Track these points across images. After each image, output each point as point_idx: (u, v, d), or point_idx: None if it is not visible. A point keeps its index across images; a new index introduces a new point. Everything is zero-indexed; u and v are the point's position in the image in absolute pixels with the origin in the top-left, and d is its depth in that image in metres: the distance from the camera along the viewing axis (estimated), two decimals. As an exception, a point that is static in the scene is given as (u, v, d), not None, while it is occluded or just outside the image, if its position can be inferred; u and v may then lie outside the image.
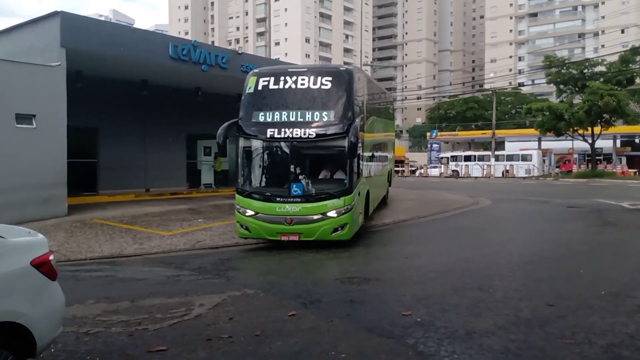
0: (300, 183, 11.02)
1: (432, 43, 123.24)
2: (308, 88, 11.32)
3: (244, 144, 11.49)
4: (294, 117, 11.04)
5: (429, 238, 13.71)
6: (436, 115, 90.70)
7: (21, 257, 4.25)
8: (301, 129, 10.87)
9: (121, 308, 6.87)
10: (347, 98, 11.28)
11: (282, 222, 10.89)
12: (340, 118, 11.05)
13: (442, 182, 39.09)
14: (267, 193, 11.20)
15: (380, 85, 21.88)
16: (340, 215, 10.98)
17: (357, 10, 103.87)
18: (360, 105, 12.41)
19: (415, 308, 6.75)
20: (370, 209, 14.21)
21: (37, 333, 4.18)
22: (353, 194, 11.18)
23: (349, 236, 11.27)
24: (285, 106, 11.24)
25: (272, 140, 11.13)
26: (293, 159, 11.02)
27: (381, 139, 17.59)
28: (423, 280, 8.48)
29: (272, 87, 11.47)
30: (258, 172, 11.73)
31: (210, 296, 7.42)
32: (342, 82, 11.47)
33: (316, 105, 11.21)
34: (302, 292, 7.79)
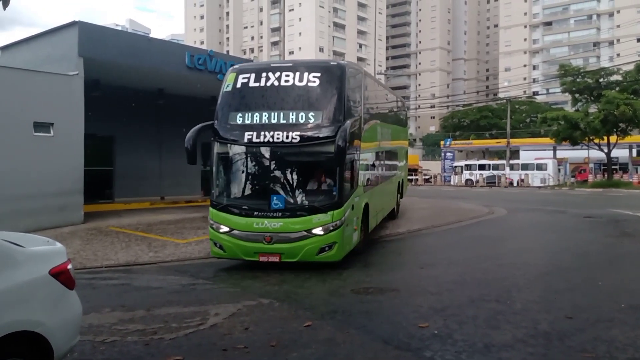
0: (281, 195, 9.62)
1: (446, 52, 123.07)
2: (293, 85, 9.92)
3: (218, 150, 10.19)
4: (276, 119, 9.73)
5: (445, 248, 13.60)
6: (450, 123, 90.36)
7: (40, 266, 4.26)
8: (283, 133, 9.55)
9: (137, 317, 6.88)
10: (338, 97, 9.88)
11: (261, 241, 9.48)
12: (329, 120, 9.68)
13: (456, 191, 38.87)
14: (243, 206, 9.79)
15: (388, 88, 20.57)
16: (327, 232, 9.47)
17: (371, 19, 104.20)
18: (356, 106, 11.07)
19: (432, 320, 6.69)
20: (371, 224, 12.53)
21: (55, 342, 4.18)
22: (344, 208, 9.70)
23: (338, 257, 9.77)
24: (266, 106, 9.91)
25: (250, 145, 9.82)
26: (274, 166, 9.76)
27: (388, 147, 15.83)
28: (439, 291, 8.40)
29: (252, 84, 10.12)
30: (234, 182, 10.33)
31: (225, 305, 7.40)
32: (332, 78, 10.09)
33: (301, 105, 9.85)
34: (317, 302, 7.76)
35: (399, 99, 20.98)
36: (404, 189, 20.73)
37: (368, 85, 12.83)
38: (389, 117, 16.86)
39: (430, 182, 54.39)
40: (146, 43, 19.34)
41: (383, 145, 14.73)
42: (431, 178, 56.65)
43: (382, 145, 14.50)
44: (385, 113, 16.35)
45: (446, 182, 53.16)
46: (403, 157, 20.19)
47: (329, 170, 9.76)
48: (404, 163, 20.78)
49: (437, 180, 55.46)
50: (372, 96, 13.63)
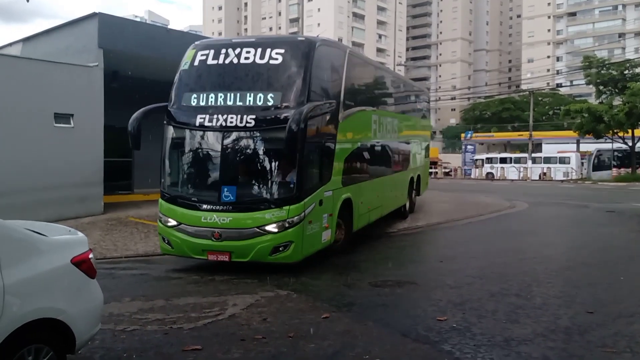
0: (233, 186, 8.67)
1: (468, 42, 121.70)
2: (253, 63, 8.91)
3: (169, 134, 9.39)
4: (232, 101, 8.77)
5: (464, 241, 13.50)
6: (471, 116, 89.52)
7: (62, 255, 4.33)
8: (237, 116, 8.59)
9: (156, 306, 6.95)
10: (303, 77, 8.82)
11: (209, 237, 8.55)
12: (290, 102, 8.66)
13: (477, 184, 38.55)
14: (192, 198, 8.95)
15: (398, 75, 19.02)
16: (281, 230, 8.44)
17: (391, 9, 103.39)
18: (330, 89, 9.87)
19: (451, 313, 6.65)
20: (359, 222, 11.30)
21: (77, 330, 4.26)
22: (303, 204, 8.59)
23: (295, 258, 8.72)
24: (222, 86, 9.01)
25: (201, 130, 8.95)
26: (226, 154, 8.79)
27: (392, 138, 14.39)
28: (459, 284, 8.35)
29: (210, 62, 9.19)
30: (184, 171, 9.50)
31: (243, 296, 7.45)
32: (297, 56, 9.02)
33: (260, 85, 8.87)
34: (335, 294, 7.76)
35: (418, 88, 19.76)
36: (422, 185, 18.80)
37: (355, 68, 11.48)
38: (396, 107, 15.50)
39: (450, 176, 53.93)
40: (164, 34, 19.43)
41: (383, 136, 13.33)
42: (451, 171, 56.17)
43: (380, 136, 13.10)
44: (390, 101, 15.02)
45: (466, 176, 52.66)
46: (420, 150, 18.25)
47: (286, 160, 8.64)
48: (422, 157, 18.68)
49: (457, 173, 54.99)
50: (362, 80, 12.37)
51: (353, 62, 11.28)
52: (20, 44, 19.48)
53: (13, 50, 19.12)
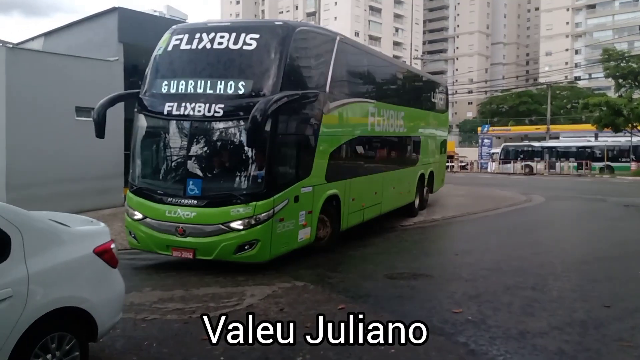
0: (198, 179, 8.28)
1: (485, 36, 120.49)
2: (226, 49, 8.42)
3: (138, 123, 9.02)
4: (202, 88, 8.31)
5: (480, 235, 13.47)
6: (488, 109, 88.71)
7: (85, 245, 4.45)
8: (206, 105, 8.12)
9: (176, 296, 7.08)
10: (277, 64, 8.31)
11: (174, 232, 8.15)
12: (262, 91, 8.17)
13: (493, 178, 38.27)
14: (158, 191, 8.54)
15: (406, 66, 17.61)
16: (247, 227, 7.98)
17: (408, 3, 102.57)
18: (312, 77, 9.33)
19: (466, 306, 6.69)
20: (348, 220, 10.72)
21: (99, 318, 4.38)
22: (272, 200, 8.09)
23: (262, 258, 8.27)
24: (193, 73, 8.56)
25: (168, 119, 8.53)
26: (193, 144, 8.39)
27: (395, 132, 13.41)
28: (474, 277, 8.37)
29: (183, 47, 8.75)
30: (151, 162, 9.14)
31: (261, 287, 7.55)
32: (272, 41, 8.48)
33: (232, 72, 8.39)
34: (350, 286, 7.84)
35: (433, 81, 18.72)
36: (436, 182, 17.74)
37: (348, 57, 10.89)
38: (403, 100, 14.44)
39: (466, 169, 53.60)
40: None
41: (384, 130, 12.57)
42: (467, 165, 55.83)
43: (380, 129, 12.34)
44: (394, 94, 14.11)
45: (483, 169, 52.30)
46: (433, 146, 17.24)
47: (254, 153, 8.18)
48: (436, 153, 17.66)
49: (473, 167, 54.63)
50: (358, 71, 11.62)
51: (345, 51, 10.65)
52: (42, 38, 19.77)
53: (35, 45, 19.41)
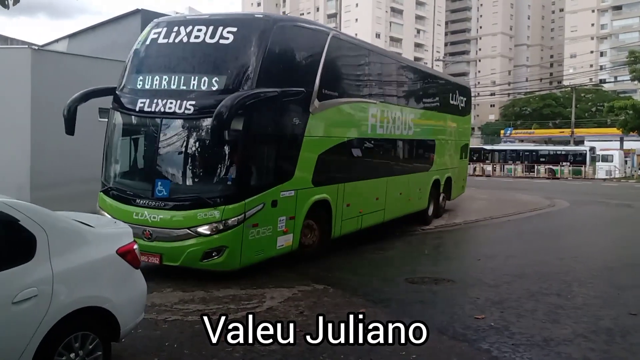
0: (167, 180, 7.83)
1: (508, 37, 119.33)
2: (202, 43, 8.01)
3: (111, 119, 8.70)
4: (175, 84, 7.89)
5: (503, 240, 13.33)
6: (511, 112, 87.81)
7: (108, 245, 4.48)
8: (177, 101, 7.70)
9: (196, 297, 7.10)
10: (253, 59, 7.79)
11: (140, 236, 7.45)
12: (236, 87, 7.66)
13: (516, 182, 37.84)
14: (127, 191, 8.17)
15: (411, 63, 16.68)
16: (214, 233, 7.51)
17: (430, 4, 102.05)
18: (299, 75, 8.80)
19: (489, 312, 6.61)
20: (341, 226, 10.11)
21: (121, 318, 4.40)
22: (243, 204, 7.57)
23: (231, 266, 7.81)
24: (168, 67, 8.16)
25: (139, 115, 8.20)
26: (163, 143, 7.96)
27: (401, 137, 12.61)
28: (497, 283, 8.27)
29: (160, 41, 8.38)
30: (121, 160, 8.78)
31: (280, 289, 7.53)
32: (250, 35, 7.99)
33: (206, 67, 8.02)
34: (370, 290, 7.79)
35: (452, 83, 17.53)
36: (455, 189, 16.72)
37: (344, 55, 10.32)
38: (413, 102, 13.61)
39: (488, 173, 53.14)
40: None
41: (387, 133, 11.85)
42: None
43: (383, 132, 11.63)
44: (403, 95, 13.18)
45: (506, 173, 51.81)
46: (451, 150, 16.27)
47: (224, 154, 7.77)
48: (455, 158, 16.65)
49: (496, 170, 54.13)
50: (356, 69, 10.90)
51: (341, 48, 10.11)
52: (66, 40, 20.09)
53: (59, 46, 19.72)
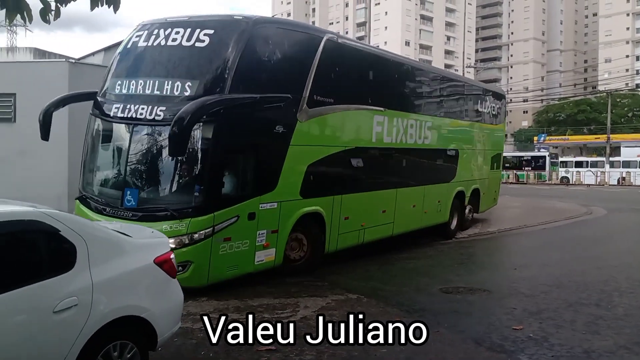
0: (136, 189, 7.55)
1: (540, 43, 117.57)
2: (178, 46, 7.69)
3: (89, 125, 8.46)
4: (149, 89, 7.60)
5: (538, 248, 13.06)
6: (544, 118, 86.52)
7: (146, 255, 4.54)
8: (149, 107, 7.39)
9: (231, 306, 7.13)
10: (229, 63, 7.42)
11: None
12: (208, 93, 7.31)
13: (551, 189, 37.14)
14: (99, 200, 7.91)
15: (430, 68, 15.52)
16: (180, 246, 7.02)
17: (460, 11, 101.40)
18: (284, 80, 8.30)
19: (527, 322, 6.48)
20: (336, 242, 9.60)
21: (159, 327, 4.45)
22: (211, 217, 7.20)
23: (198, 282, 7.33)
24: (144, 71, 7.92)
25: (112, 121, 7.94)
26: (134, 151, 7.71)
27: (415, 146, 11.82)
28: (534, 293, 8.10)
29: (140, 44, 8.07)
30: (96, 168, 8.49)
31: (314, 299, 7.52)
32: (225, 38, 7.63)
33: (179, 71, 7.68)
34: (405, 299, 7.71)
35: (482, 89, 16.35)
36: (484, 201, 15.67)
37: (342, 58, 9.67)
38: (428, 108, 12.63)
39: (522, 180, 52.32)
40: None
41: (398, 142, 11.13)
42: (523, 175, 54.46)
43: (392, 140, 10.96)
44: (417, 102, 12.32)
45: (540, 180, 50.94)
46: (480, 160, 15.32)
47: (195, 162, 7.42)
48: (484, 168, 15.64)
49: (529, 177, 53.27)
50: (357, 73, 10.11)
51: (338, 52, 9.51)
52: (102, 53, 20.53)
53: (95, 59, 20.18)
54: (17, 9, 3.79)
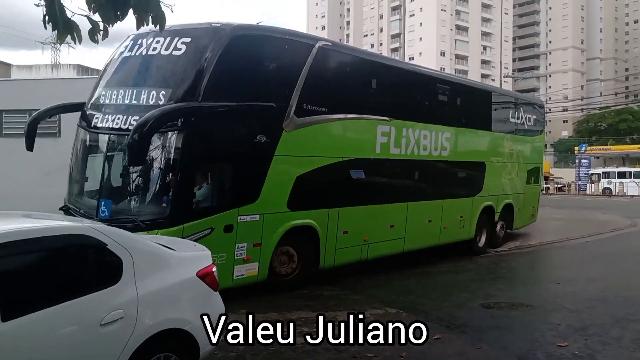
0: (109, 200, 7.44)
1: (580, 51, 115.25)
2: (157, 55, 7.66)
3: (77, 136, 8.45)
4: (128, 99, 7.59)
5: (582, 262, 12.73)
6: (585, 128, 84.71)
7: (189, 268, 4.61)
8: (124, 117, 7.33)
9: (270, 319, 7.13)
10: (201, 71, 7.30)
11: None
12: (181, 102, 7.22)
13: (593, 200, 36.18)
14: (78, 209, 7.87)
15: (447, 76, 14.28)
16: None
17: (496, 20, 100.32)
18: (267, 88, 8.06)
19: (572, 339, 6.30)
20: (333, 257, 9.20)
21: (201, 340, 4.48)
22: (179, 228, 6.97)
23: None
24: (125, 81, 7.95)
25: (93, 132, 7.94)
26: (108, 161, 7.68)
27: (430, 157, 11.16)
28: (578, 308, 7.88)
29: (125, 54, 8.11)
30: (77, 178, 8.40)
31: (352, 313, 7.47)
32: (202, 46, 7.54)
33: (156, 80, 7.67)
34: (445, 314, 7.59)
35: (513, 98, 15.45)
36: (519, 217, 14.63)
37: (339, 65, 9.39)
38: (446, 117, 11.77)
39: (563, 191, 51.17)
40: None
41: (405, 153, 10.51)
42: (564, 186, 53.29)
43: (397, 151, 10.33)
44: (430, 110, 11.45)
45: (581, 191, 49.71)
46: (512, 174, 14.22)
47: (165, 173, 7.25)
48: (518, 182, 14.58)
49: (570, 189, 52.07)
50: (357, 81, 9.70)
51: (333, 59, 9.26)
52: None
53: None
54: (68, 31, 3.91)
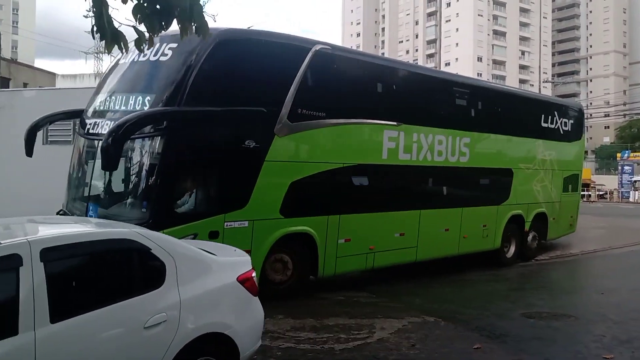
0: (96, 204, 7.55)
1: (622, 55, 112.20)
2: (146, 61, 7.73)
3: (74, 142, 8.58)
4: (117, 105, 7.68)
5: (626, 272, 12.35)
6: (627, 134, 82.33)
7: (229, 273, 4.67)
8: (113, 122, 7.20)
9: (307, 325, 7.17)
10: (184, 75, 7.29)
11: None
12: (165, 106, 7.23)
13: (636, 208, 35.09)
14: (71, 214, 8.00)
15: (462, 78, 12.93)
16: None
17: (534, 25, 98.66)
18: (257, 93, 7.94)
19: (618, 351, 6.13)
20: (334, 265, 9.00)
21: (241, 345, 4.54)
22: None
23: None
24: (116, 88, 8.02)
25: (85, 138, 8.06)
26: (97, 166, 7.56)
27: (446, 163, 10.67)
28: (623, 319, 7.65)
29: (122, 61, 8.28)
30: (71, 183, 8.52)
31: (390, 320, 7.44)
32: (185, 50, 7.43)
33: (143, 85, 7.72)
34: (485, 324, 7.47)
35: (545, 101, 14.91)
36: (554, 227, 13.77)
37: (335, 69, 9.05)
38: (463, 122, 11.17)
39: (605, 199, 49.79)
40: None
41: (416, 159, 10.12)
42: (606, 194, 51.85)
43: (407, 157, 9.97)
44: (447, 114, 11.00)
45: (624, 199, 48.28)
46: (545, 181, 13.39)
47: (148, 177, 7.23)
48: (553, 190, 13.69)
49: (613, 196, 50.63)
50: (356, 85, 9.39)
51: (331, 63, 8.99)
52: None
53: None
54: (115, 41, 4.03)
